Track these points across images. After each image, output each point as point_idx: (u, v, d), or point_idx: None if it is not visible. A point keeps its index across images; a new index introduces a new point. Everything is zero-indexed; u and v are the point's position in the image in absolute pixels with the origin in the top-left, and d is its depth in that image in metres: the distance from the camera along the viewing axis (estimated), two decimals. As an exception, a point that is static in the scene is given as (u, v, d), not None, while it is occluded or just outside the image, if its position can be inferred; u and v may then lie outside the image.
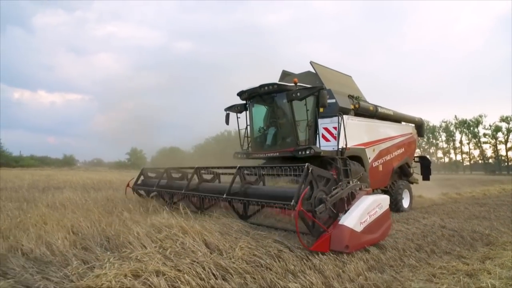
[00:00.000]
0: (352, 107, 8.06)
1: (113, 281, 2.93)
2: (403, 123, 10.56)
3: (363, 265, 4.04)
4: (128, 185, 8.18)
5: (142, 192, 7.93)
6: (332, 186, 4.77)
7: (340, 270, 3.80)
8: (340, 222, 4.53)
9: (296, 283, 3.38)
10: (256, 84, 7.35)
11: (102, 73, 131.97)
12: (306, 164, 4.58)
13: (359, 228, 4.55)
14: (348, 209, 4.73)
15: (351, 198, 4.93)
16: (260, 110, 7.99)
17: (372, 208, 4.82)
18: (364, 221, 4.66)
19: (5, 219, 5.28)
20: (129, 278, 3.03)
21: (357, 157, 7.76)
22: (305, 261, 3.96)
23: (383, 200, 5.12)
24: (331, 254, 4.23)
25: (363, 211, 4.69)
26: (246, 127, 8.15)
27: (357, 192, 5.08)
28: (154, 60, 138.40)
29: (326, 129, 7.39)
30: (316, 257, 4.04)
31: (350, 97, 8.26)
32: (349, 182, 5.90)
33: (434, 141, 67.51)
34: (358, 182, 6.88)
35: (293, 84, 6.97)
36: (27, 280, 3.17)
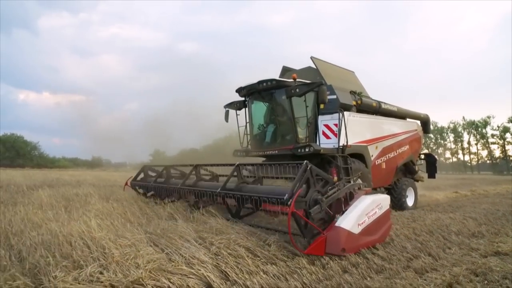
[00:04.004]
0: (354, 103, 7.54)
1: None
2: (408, 119, 9.95)
3: (470, 227, 5.87)
4: (126, 183, 7.88)
5: (140, 190, 7.61)
6: (329, 187, 4.33)
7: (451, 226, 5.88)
8: (336, 224, 4.10)
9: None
10: (255, 80, 6.96)
11: (106, 74, 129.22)
12: (305, 161, 4.17)
13: (356, 230, 4.12)
14: (346, 210, 4.29)
15: (349, 198, 4.48)
16: (259, 107, 7.59)
17: (371, 209, 4.36)
18: (362, 223, 4.22)
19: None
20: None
21: (359, 155, 7.25)
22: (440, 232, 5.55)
23: (383, 200, 4.65)
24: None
25: (361, 212, 4.24)
26: (246, 125, 7.76)
27: (356, 192, 4.62)
28: (158, 61, 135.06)
29: (326, 126, 6.90)
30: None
31: (352, 93, 7.74)
32: (349, 181, 5.46)
33: (442, 141, 65.77)
34: (359, 181, 6.41)
35: (292, 80, 6.54)
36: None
